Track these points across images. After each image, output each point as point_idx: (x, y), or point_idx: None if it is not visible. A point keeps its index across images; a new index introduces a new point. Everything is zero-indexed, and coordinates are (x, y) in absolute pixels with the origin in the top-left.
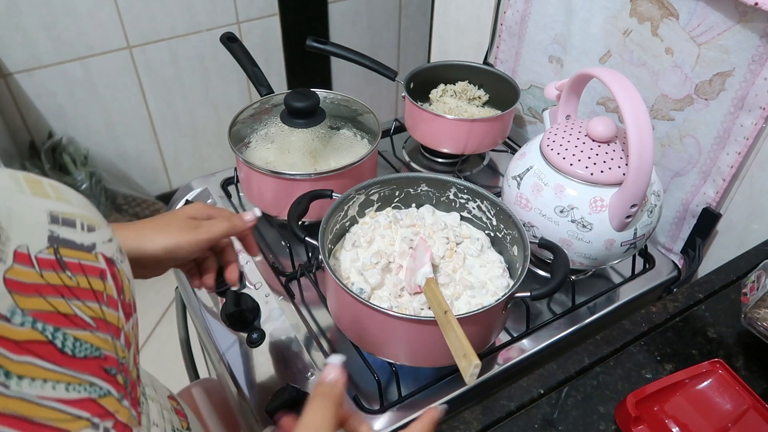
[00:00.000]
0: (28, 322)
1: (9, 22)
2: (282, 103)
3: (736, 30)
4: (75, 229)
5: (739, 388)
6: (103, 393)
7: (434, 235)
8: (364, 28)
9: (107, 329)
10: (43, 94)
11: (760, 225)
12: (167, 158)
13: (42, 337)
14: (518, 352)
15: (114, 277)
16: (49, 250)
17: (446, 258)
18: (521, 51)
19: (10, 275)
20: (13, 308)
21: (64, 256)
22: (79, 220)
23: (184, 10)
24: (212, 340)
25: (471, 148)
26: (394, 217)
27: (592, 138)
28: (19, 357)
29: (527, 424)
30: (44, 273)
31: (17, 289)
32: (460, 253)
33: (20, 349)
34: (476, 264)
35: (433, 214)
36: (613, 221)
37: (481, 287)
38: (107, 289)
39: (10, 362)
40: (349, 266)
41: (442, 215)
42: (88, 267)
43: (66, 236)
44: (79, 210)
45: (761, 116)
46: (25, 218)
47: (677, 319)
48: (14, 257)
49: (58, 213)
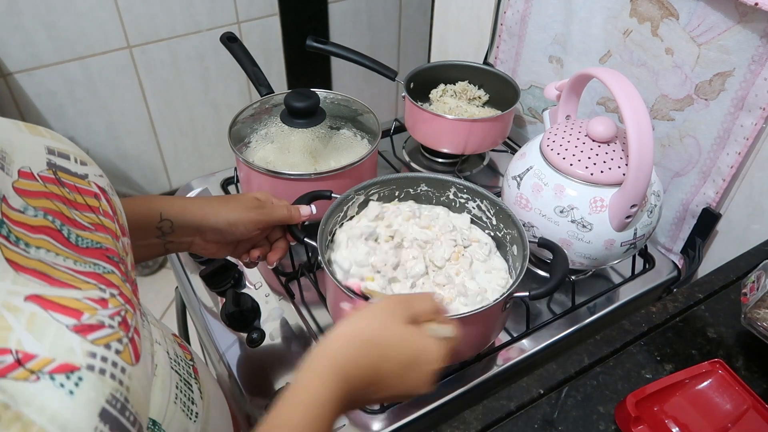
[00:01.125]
0: (40, 214)
1: (9, 22)
2: (282, 103)
3: (736, 30)
4: (69, 161)
5: (739, 388)
6: (107, 270)
7: (442, 237)
8: (364, 28)
9: (106, 231)
10: (43, 93)
11: (760, 225)
12: (167, 158)
13: (52, 225)
14: (518, 352)
15: (108, 201)
16: (49, 171)
17: (452, 260)
18: (521, 51)
19: (18, 185)
20: (25, 206)
21: (62, 177)
22: (72, 155)
23: (184, 10)
24: (212, 340)
25: (471, 148)
26: (414, 213)
27: (592, 138)
28: (34, 235)
29: (527, 424)
30: (47, 185)
31: (25, 194)
32: (467, 257)
33: (35, 230)
34: (481, 269)
35: (447, 215)
36: (613, 221)
37: (476, 295)
38: (102, 206)
39: (29, 238)
40: (351, 261)
41: (454, 217)
42: (83, 189)
43: (62, 164)
44: (71, 149)
45: (761, 116)
46: (26, 148)
47: (677, 319)
48: (19, 174)
49: (54, 148)
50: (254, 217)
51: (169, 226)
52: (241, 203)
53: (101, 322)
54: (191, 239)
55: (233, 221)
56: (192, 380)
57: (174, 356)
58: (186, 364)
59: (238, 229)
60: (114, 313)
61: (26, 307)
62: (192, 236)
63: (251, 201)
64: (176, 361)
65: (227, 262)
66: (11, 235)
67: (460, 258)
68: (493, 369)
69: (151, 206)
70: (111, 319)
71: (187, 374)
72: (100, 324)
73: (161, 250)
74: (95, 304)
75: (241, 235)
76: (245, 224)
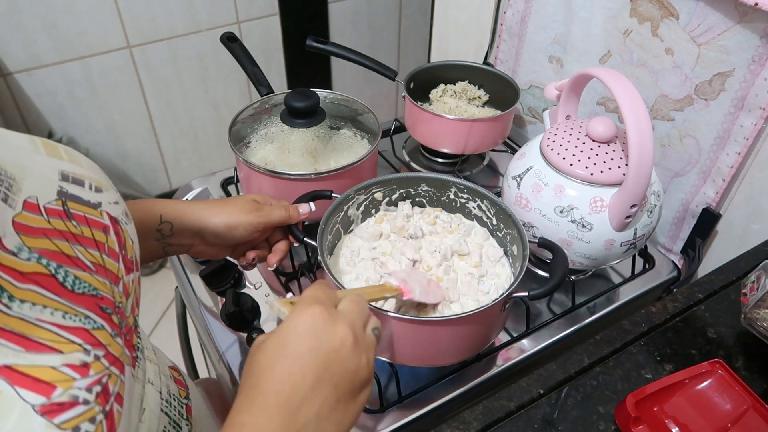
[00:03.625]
0: (34, 258)
1: (9, 21)
2: (282, 103)
3: (736, 30)
4: (83, 188)
5: (739, 389)
6: (96, 326)
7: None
8: (364, 28)
9: (106, 275)
10: (43, 93)
11: (760, 225)
12: (167, 158)
13: (45, 270)
14: (518, 352)
15: (117, 234)
16: (57, 201)
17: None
18: (521, 51)
19: (19, 219)
20: (20, 246)
21: (72, 208)
22: (87, 181)
23: (184, 9)
24: (212, 340)
25: (471, 148)
26: (435, 218)
27: (592, 138)
28: (23, 285)
29: (527, 424)
30: (51, 220)
31: (25, 231)
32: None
33: (25, 278)
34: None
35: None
36: (613, 221)
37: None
38: (109, 242)
39: (15, 288)
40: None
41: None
42: (92, 221)
43: (74, 192)
44: (88, 172)
45: (761, 116)
46: (37, 174)
47: (677, 320)
48: (23, 205)
49: (69, 173)
50: (253, 219)
51: (168, 228)
52: (239, 206)
53: (75, 397)
54: (191, 242)
55: (232, 224)
56: (183, 421)
57: (167, 396)
58: (179, 404)
59: (238, 231)
60: (94, 381)
61: None
62: (191, 239)
63: (249, 203)
64: (168, 401)
65: (227, 262)
66: None
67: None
68: (493, 369)
69: (151, 209)
70: (88, 391)
71: (177, 415)
72: (73, 401)
73: (160, 253)
74: (74, 373)
75: (241, 238)
76: (244, 227)
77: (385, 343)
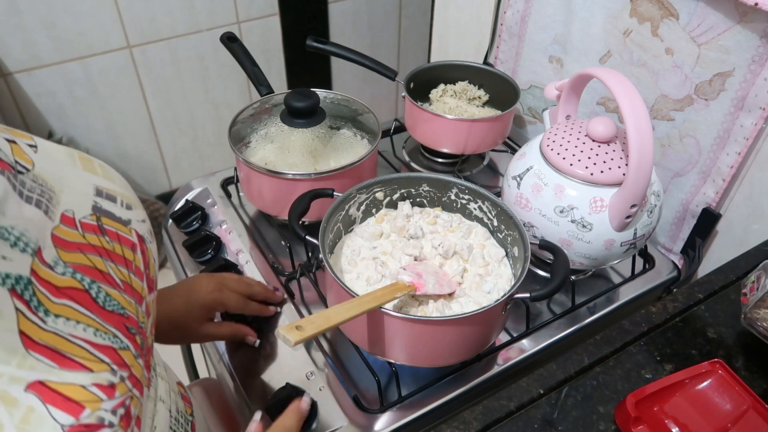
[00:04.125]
0: (69, 273)
1: (9, 21)
2: (282, 103)
3: (736, 30)
4: (116, 204)
5: (739, 389)
6: (123, 346)
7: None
8: (364, 28)
9: (132, 294)
10: (43, 93)
11: (760, 225)
12: (167, 158)
13: (80, 285)
14: (518, 352)
15: (143, 252)
16: (92, 216)
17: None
18: (521, 51)
19: (57, 233)
20: (57, 259)
21: (105, 224)
22: (119, 198)
23: (184, 9)
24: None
25: (471, 148)
26: (437, 218)
27: (592, 138)
28: (57, 300)
29: (527, 424)
30: (86, 234)
31: (62, 245)
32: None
33: (60, 293)
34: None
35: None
36: (613, 221)
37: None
38: (136, 260)
39: (51, 303)
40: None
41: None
42: (123, 238)
43: (108, 208)
44: (120, 189)
45: (761, 116)
46: (74, 187)
47: (677, 320)
48: (61, 218)
49: (103, 188)
50: (199, 338)
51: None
52: (189, 322)
53: (101, 420)
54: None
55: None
56: None
57: (176, 413)
58: (185, 422)
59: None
60: (118, 404)
61: (25, 399)
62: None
63: (199, 314)
64: (177, 419)
65: (227, 262)
66: (33, 299)
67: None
68: (493, 369)
69: None
70: (113, 413)
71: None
72: (100, 423)
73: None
74: (102, 393)
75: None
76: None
77: (386, 341)
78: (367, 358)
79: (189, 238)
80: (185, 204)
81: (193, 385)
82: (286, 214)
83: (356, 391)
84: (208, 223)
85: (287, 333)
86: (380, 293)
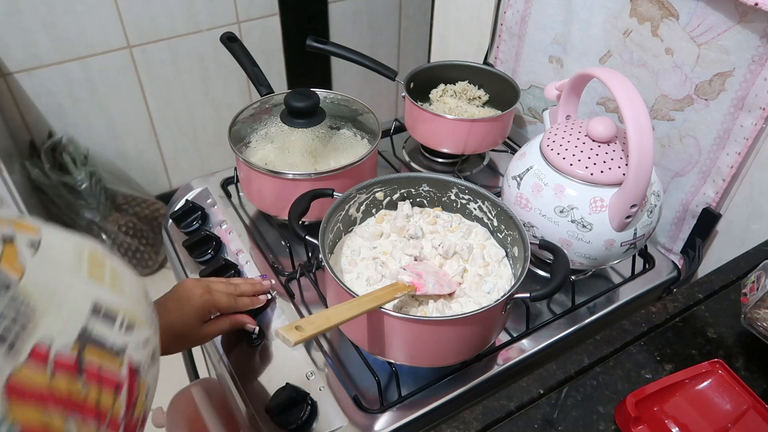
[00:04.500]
0: None
1: (9, 21)
2: (282, 103)
3: (736, 30)
4: (113, 326)
5: (739, 389)
6: None
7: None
8: (364, 28)
9: None
10: (43, 93)
11: (760, 225)
12: (167, 158)
13: None
14: (518, 352)
15: (129, 391)
16: (74, 348)
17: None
18: (521, 51)
19: (15, 378)
20: (2, 417)
21: (87, 358)
22: (121, 315)
23: (184, 9)
24: (212, 340)
25: (471, 148)
26: (435, 218)
27: (592, 138)
28: None
29: (527, 424)
30: (55, 377)
31: (16, 395)
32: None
33: None
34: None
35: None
36: (613, 221)
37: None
38: (115, 406)
39: None
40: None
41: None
42: (105, 378)
43: (99, 334)
44: (126, 302)
45: (761, 116)
46: (66, 305)
47: (677, 320)
48: (31, 353)
49: (103, 304)
50: (200, 340)
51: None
52: (189, 329)
53: None
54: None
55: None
56: None
57: None
58: None
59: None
60: None
61: None
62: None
63: (195, 318)
64: None
65: (227, 262)
66: None
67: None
68: (493, 369)
69: None
70: None
71: None
72: None
73: None
74: None
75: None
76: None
77: (386, 341)
78: (367, 358)
79: (189, 238)
80: (185, 204)
81: (193, 385)
82: (286, 214)
83: (356, 391)
84: (208, 223)
85: (287, 333)
86: (380, 293)
